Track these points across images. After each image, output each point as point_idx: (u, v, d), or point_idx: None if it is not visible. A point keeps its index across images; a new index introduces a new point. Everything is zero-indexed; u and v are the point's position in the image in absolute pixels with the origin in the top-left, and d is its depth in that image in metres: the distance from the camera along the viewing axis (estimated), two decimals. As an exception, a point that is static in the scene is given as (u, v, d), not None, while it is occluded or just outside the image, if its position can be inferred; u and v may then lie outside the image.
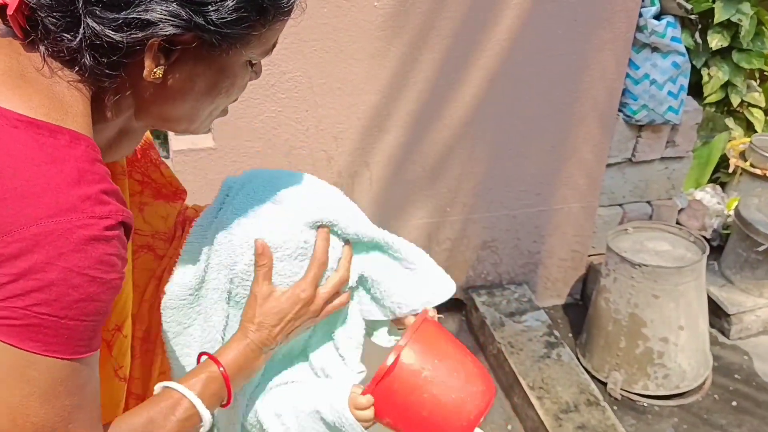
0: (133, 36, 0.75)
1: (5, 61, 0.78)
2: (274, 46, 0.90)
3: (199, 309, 1.06)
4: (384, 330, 1.20)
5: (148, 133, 1.10)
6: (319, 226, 1.04)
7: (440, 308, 1.18)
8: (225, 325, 1.06)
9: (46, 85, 0.78)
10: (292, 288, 1.02)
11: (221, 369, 0.96)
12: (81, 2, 0.74)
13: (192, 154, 2.16)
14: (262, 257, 1.01)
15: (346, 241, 1.08)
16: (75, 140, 0.76)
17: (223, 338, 1.06)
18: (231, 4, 0.77)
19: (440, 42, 2.21)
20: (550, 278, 2.79)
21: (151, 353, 1.16)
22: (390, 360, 1.04)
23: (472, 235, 2.58)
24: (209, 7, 0.77)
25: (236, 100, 0.96)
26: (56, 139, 0.74)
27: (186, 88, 0.84)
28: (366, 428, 1.05)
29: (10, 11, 0.74)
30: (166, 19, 0.75)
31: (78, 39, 0.75)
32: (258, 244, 1.00)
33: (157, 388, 0.95)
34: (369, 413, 1.05)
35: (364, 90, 2.21)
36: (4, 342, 0.71)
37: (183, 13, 0.75)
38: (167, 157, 2.37)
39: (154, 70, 0.79)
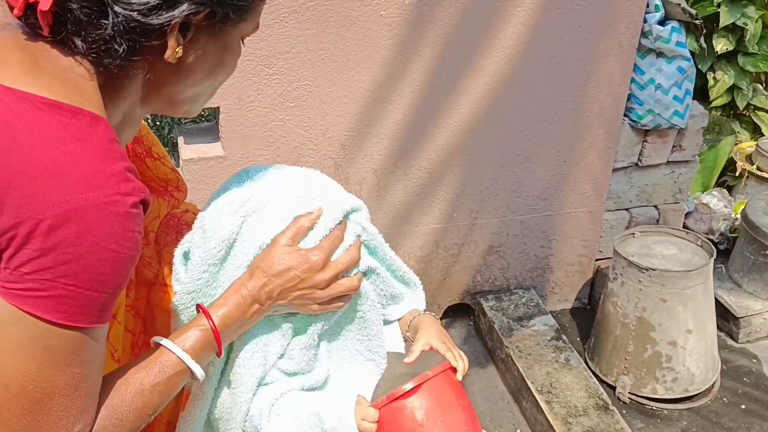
0: (159, 17, 0.78)
1: (17, 53, 0.80)
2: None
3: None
4: (395, 327, 1.21)
5: (143, 121, 1.11)
6: (344, 216, 1.07)
7: (448, 313, 1.20)
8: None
9: (60, 72, 0.80)
10: (306, 249, 1.03)
11: (210, 323, 0.98)
12: None
13: (201, 162, 2.18)
14: (304, 219, 1.03)
15: (357, 236, 1.10)
16: (95, 121, 0.79)
17: None
18: None
19: (446, 49, 2.22)
20: (558, 283, 2.80)
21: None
22: (409, 386, 1.06)
23: (479, 240, 2.60)
24: None
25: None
26: (78, 120, 0.78)
27: (197, 66, 0.88)
28: None
29: (44, 7, 0.76)
30: None
31: (109, 27, 0.78)
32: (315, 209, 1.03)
33: (151, 343, 0.98)
34: (372, 427, 1.06)
35: (371, 98, 2.23)
36: (30, 313, 0.75)
37: None
38: (177, 166, 2.39)
39: (177, 49, 0.82)
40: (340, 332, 1.16)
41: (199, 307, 1.01)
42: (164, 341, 0.96)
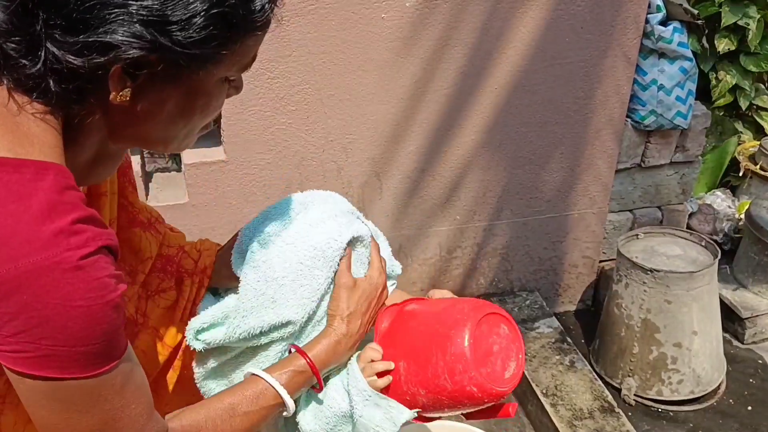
0: (94, 60, 0.71)
1: None
2: (253, 60, 0.86)
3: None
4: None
5: (128, 153, 1.07)
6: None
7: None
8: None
9: (9, 119, 0.75)
10: (368, 276, 1.09)
11: (308, 360, 1.02)
12: (40, 25, 0.70)
13: (204, 167, 2.18)
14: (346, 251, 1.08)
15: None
16: (42, 171, 0.73)
17: None
18: (199, 21, 0.73)
19: (447, 52, 2.22)
20: (562, 285, 2.79)
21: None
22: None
23: (482, 243, 2.59)
24: (175, 26, 0.72)
25: (218, 115, 0.92)
26: (21, 174, 0.72)
27: (156, 111, 0.80)
28: (384, 386, 1.07)
29: None
30: (128, 41, 0.70)
31: (39, 64, 0.72)
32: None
33: (246, 375, 1.01)
34: (381, 365, 1.07)
35: (372, 101, 2.23)
36: (24, 373, 0.72)
37: (147, 35, 0.71)
38: (179, 170, 2.39)
39: (120, 93, 0.75)
40: None
41: (293, 347, 1.05)
42: (263, 374, 0.99)
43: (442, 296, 1.17)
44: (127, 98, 0.76)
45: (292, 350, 1.05)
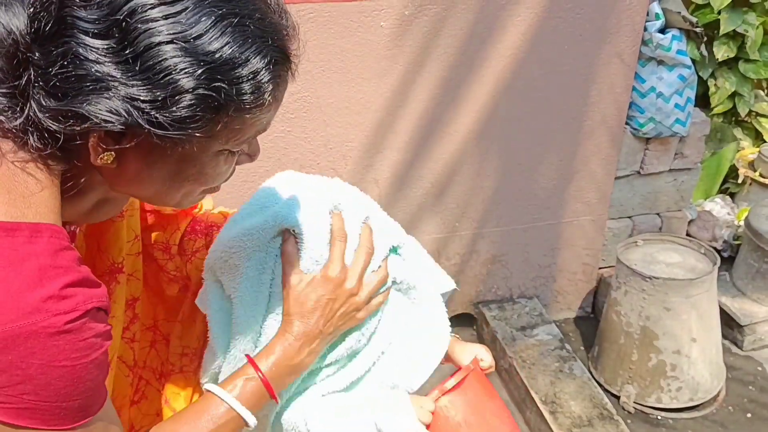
0: (70, 127, 0.71)
1: None
2: (258, 132, 0.84)
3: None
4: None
5: None
6: (332, 211, 1.05)
7: (451, 323, 1.19)
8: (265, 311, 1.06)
9: (8, 176, 0.74)
10: (321, 271, 1.01)
11: (259, 374, 0.97)
12: (25, 81, 0.70)
13: (203, 174, 2.18)
14: (290, 245, 1.01)
15: (363, 222, 1.08)
16: (35, 234, 0.73)
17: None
18: (183, 103, 0.71)
19: (446, 60, 2.23)
20: (561, 292, 2.79)
21: (161, 343, 1.18)
22: (451, 383, 1.06)
23: (481, 250, 2.59)
24: (156, 104, 0.70)
25: (226, 180, 0.89)
26: (14, 238, 0.72)
27: (143, 175, 0.79)
28: None
29: None
30: (104, 116, 0.69)
31: (20, 119, 0.71)
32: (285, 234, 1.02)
33: (203, 390, 0.98)
34: (429, 416, 1.05)
35: (371, 108, 2.23)
36: (8, 423, 0.73)
37: (123, 112, 0.69)
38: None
39: (101, 156, 0.74)
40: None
41: (247, 357, 1.01)
42: (215, 388, 0.96)
43: (490, 365, 1.15)
44: (110, 161, 0.75)
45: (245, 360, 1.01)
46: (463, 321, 2.71)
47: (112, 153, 0.74)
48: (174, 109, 0.71)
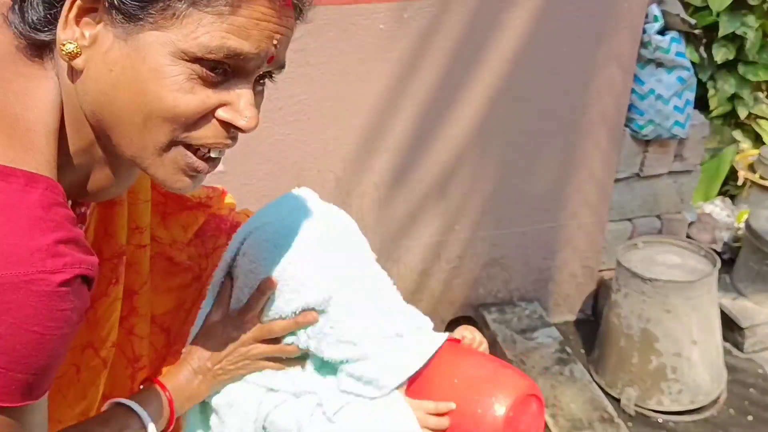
0: None
1: None
2: (231, 52, 0.76)
3: None
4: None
5: None
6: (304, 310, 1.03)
7: (450, 327, 1.19)
8: None
9: (11, 118, 0.73)
10: (234, 312, 1.06)
11: (167, 393, 0.99)
12: None
13: (202, 177, 2.18)
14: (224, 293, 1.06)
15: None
16: (30, 183, 0.70)
17: None
18: None
19: (445, 62, 2.23)
20: (561, 294, 2.79)
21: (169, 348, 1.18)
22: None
23: (481, 253, 2.59)
24: None
25: (217, 146, 0.87)
26: (9, 183, 0.69)
27: (104, 75, 0.75)
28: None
29: None
30: None
31: None
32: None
33: (107, 405, 0.96)
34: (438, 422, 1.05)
35: (370, 111, 2.23)
36: None
37: None
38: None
39: (68, 41, 0.74)
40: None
41: (154, 380, 1.02)
42: (128, 402, 0.96)
43: (472, 339, 1.18)
44: (77, 52, 0.74)
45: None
46: (463, 324, 2.70)
47: (84, 38, 0.74)
48: None
